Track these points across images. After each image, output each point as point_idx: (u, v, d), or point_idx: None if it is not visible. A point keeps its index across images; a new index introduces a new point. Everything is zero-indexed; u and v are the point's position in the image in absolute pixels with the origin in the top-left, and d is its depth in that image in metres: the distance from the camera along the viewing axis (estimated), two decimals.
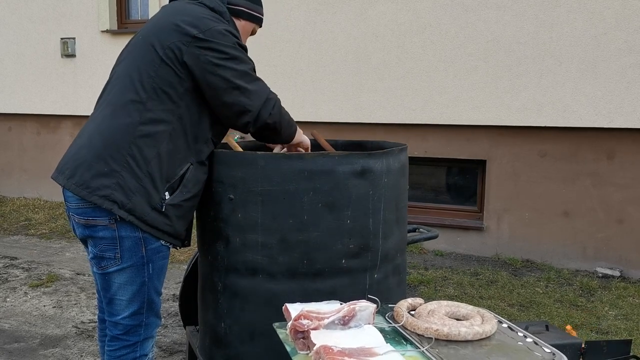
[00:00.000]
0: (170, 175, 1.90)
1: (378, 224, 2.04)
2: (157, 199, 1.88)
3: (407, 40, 5.02)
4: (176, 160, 1.91)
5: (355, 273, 2.04)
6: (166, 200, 1.89)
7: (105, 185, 1.82)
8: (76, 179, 1.86)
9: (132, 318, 1.98)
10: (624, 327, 3.51)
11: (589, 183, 4.61)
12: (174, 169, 1.90)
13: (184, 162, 1.92)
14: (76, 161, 1.88)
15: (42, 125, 7.02)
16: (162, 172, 1.88)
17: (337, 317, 1.55)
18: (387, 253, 2.11)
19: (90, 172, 1.84)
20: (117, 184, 1.83)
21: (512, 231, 4.89)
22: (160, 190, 1.88)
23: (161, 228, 1.91)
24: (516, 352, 1.47)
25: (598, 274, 4.50)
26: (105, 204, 1.83)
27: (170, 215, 1.92)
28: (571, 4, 4.48)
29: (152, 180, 1.86)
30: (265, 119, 1.95)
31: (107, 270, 1.94)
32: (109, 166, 1.83)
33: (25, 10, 6.78)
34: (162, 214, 1.90)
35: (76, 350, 3.21)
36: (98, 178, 1.83)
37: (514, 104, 4.71)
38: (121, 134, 1.84)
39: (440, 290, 4.12)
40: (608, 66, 4.41)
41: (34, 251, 5.12)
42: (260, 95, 1.94)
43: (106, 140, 1.86)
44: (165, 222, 1.92)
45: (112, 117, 1.87)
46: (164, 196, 1.89)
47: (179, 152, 1.91)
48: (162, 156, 1.87)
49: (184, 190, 1.93)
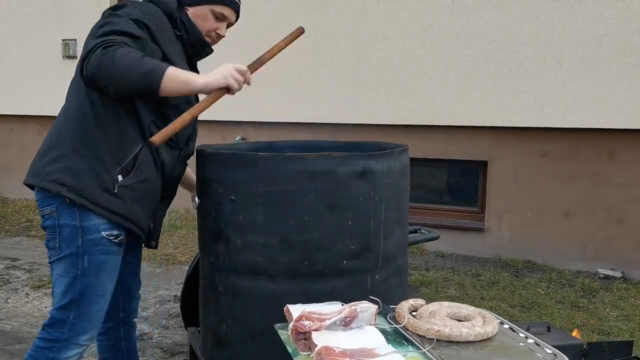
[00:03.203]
0: (120, 158, 1.85)
1: (379, 224, 2.04)
2: (108, 180, 1.83)
3: (408, 41, 5.02)
4: (125, 142, 1.85)
5: (356, 274, 2.04)
6: (119, 182, 1.84)
7: (55, 170, 1.81)
8: (32, 169, 1.89)
9: (59, 311, 1.90)
10: (625, 328, 3.51)
11: (589, 183, 4.61)
12: (124, 152, 1.85)
13: (134, 145, 1.86)
14: (36, 156, 1.92)
15: (43, 126, 7.02)
16: (112, 154, 1.84)
17: (338, 318, 1.55)
18: (388, 254, 2.10)
19: (42, 160, 1.86)
20: (66, 167, 1.81)
21: (513, 232, 4.88)
22: (111, 171, 1.83)
23: (114, 210, 1.85)
24: (518, 353, 1.47)
25: (599, 274, 4.49)
26: (54, 187, 1.80)
27: (124, 197, 1.86)
28: (572, 5, 4.47)
29: (101, 161, 1.82)
30: (86, 68, 1.67)
31: (50, 260, 1.93)
32: (59, 151, 1.83)
33: (26, 12, 6.79)
34: (114, 196, 1.84)
35: None
36: (49, 165, 1.83)
37: (515, 104, 4.71)
38: (71, 119, 1.86)
39: (442, 292, 4.11)
40: (609, 67, 4.41)
41: (36, 252, 5.12)
42: (90, 44, 1.69)
43: (58, 127, 1.89)
44: (119, 203, 1.85)
45: (66, 107, 1.91)
46: (116, 178, 1.84)
47: (126, 134, 1.85)
48: (110, 138, 1.83)
49: (137, 172, 1.87)
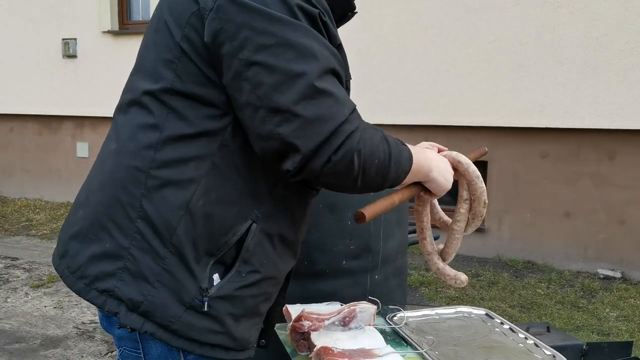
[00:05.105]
0: (214, 245, 1.11)
1: (379, 225, 2.04)
2: (193, 289, 1.09)
3: (409, 41, 5.01)
4: (224, 218, 1.11)
5: (355, 274, 2.03)
6: (211, 289, 1.11)
7: (106, 272, 1.10)
8: (68, 260, 1.17)
9: None
10: (625, 328, 3.50)
11: (590, 184, 4.61)
12: (223, 234, 1.11)
13: (238, 221, 1.12)
14: (69, 228, 1.19)
15: (43, 125, 7.02)
16: (200, 241, 1.10)
17: (337, 318, 1.55)
18: (387, 254, 2.10)
19: (86, 250, 1.14)
20: (125, 269, 1.09)
21: (513, 232, 4.88)
22: (199, 272, 1.10)
23: (204, 340, 1.12)
24: (517, 354, 1.47)
25: (599, 275, 4.49)
26: (108, 304, 1.10)
27: (220, 314, 1.12)
28: (573, 6, 4.47)
29: (181, 256, 1.09)
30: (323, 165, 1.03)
31: None
32: (113, 239, 1.11)
33: (27, 11, 6.79)
34: (203, 315, 1.10)
35: (77, 350, 3.21)
36: (97, 260, 1.12)
37: (516, 105, 4.71)
38: (129, 184, 1.11)
39: (441, 292, 4.11)
40: (609, 67, 4.41)
41: (35, 252, 5.13)
42: (323, 121, 1.01)
43: (107, 194, 1.13)
44: (211, 327, 1.12)
45: (117, 155, 1.14)
46: (205, 283, 1.10)
47: (227, 205, 1.11)
48: (196, 214, 1.09)
49: (244, 268, 1.14)
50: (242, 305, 1.15)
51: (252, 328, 1.21)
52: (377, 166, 1.09)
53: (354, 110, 1.06)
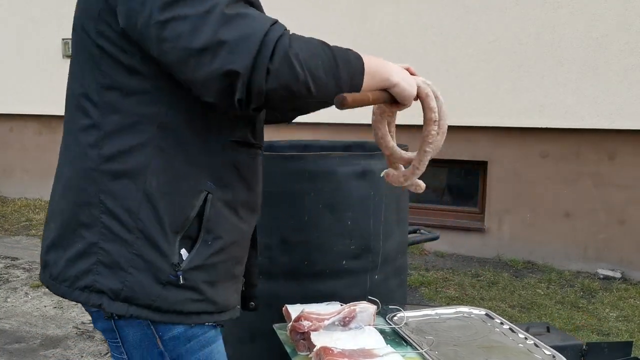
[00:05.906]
0: (177, 222, 1.15)
1: (379, 225, 2.04)
2: (166, 267, 1.14)
3: (409, 41, 5.01)
4: (180, 195, 1.15)
5: (355, 274, 2.04)
6: (183, 263, 1.15)
7: (83, 270, 1.15)
8: (49, 269, 1.22)
9: None
10: (625, 328, 3.51)
11: (590, 184, 4.61)
12: (182, 210, 1.15)
13: (194, 195, 1.16)
14: (45, 242, 1.25)
15: (43, 125, 7.03)
16: (163, 221, 1.14)
17: (337, 319, 1.55)
18: (387, 254, 2.10)
19: (63, 256, 1.18)
20: (99, 263, 1.14)
21: (513, 232, 4.88)
22: (168, 250, 1.14)
23: (187, 309, 1.17)
24: (517, 354, 1.47)
25: (599, 275, 4.49)
26: (92, 298, 1.15)
27: (196, 284, 1.18)
28: (573, 6, 4.47)
29: (148, 239, 1.13)
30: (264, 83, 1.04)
31: None
32: (83, 239, 1.15)
33: (27, 11, 6.79)
34: (181, 288, 1.16)
35: (77, 350, 3.21)
36: (73, 262, 1.16)
37: (516, 105, 4.71)
38: (85, 185, 1.15)
39: (441, 292, 4.11)
40: (609, 67, 4.41)
41: (35, 252, 5.12)
42: (247, 38, 1.02)
43: (69, 200, 1.18)
44: (191, 297, 1.17)
45: (69, 160, 1.21)
46: (176, 259, 1.15)
47: (179, 182, 1.15)
48: (153, 196, 1.13)
49: (209, 237, 1.18)
50: (215, 272, 1.21)
51: (230, 290, 1.27)
52: (323, 67, 1.09)
53: (275, 22, 1.07)
